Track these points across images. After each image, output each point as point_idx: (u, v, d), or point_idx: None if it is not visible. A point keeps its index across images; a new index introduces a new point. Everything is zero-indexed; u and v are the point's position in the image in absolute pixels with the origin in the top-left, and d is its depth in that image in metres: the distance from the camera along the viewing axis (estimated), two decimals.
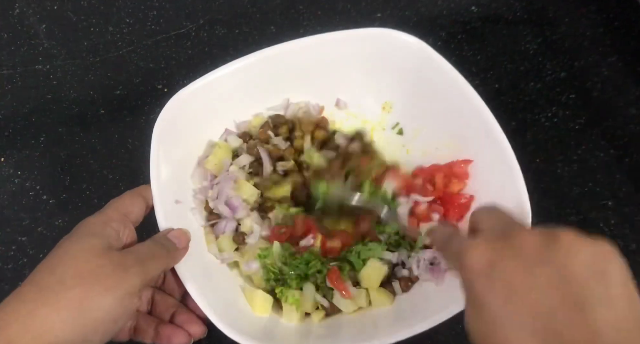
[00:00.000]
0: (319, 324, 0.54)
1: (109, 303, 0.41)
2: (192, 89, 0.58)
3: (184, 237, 0.50)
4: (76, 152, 0.70)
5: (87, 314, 0.40)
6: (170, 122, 0.56)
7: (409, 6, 0.78)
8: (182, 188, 0.57)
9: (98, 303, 0.41)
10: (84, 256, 0.42)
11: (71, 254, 0.43)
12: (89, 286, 0.41)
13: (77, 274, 0.41)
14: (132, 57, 0.76)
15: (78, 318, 0.40)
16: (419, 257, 0.55)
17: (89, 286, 0.41)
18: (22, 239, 0.64)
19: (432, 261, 0.55)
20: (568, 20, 0.76)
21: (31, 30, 0.79)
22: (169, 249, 0.48)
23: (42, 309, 0.39)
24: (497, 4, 0.78)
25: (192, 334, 0.50)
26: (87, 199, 0.66)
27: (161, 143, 0.54)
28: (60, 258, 0.43)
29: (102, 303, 0.41)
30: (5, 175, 0.69)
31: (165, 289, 0.53)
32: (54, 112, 0.72)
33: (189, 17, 0.79)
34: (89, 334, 0.40)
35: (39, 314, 0.39)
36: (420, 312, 0.51)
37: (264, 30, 0.77)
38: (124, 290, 0.42)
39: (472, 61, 0.73)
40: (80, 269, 0.41)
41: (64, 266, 0.42)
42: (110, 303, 0.41)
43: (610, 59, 0.72)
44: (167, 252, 0.47)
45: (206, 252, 0.56)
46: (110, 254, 0.43)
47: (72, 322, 0.40)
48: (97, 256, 0.43)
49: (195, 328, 0.50)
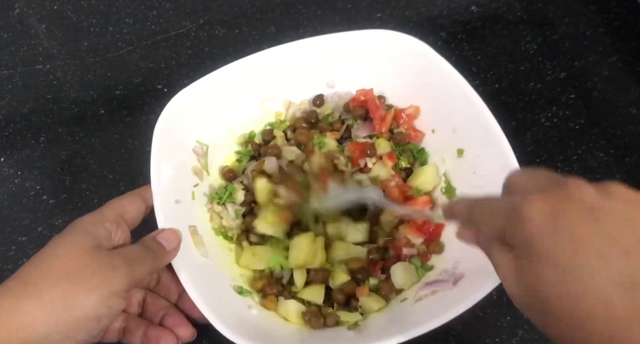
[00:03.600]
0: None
1: (92, 302, 0.41)
2: (193, 89, 0.58)
3: (174, 237, 0.50)
4: (76, 152, 0.69)
5: (70, 312, 0.40)
6: (171, 122, 0.56)
7: (409, 6, 0.78)
8: (182, 188, 0.57)
9: (82, 301, 0.41)
10: (72, 254, 0.42)
11: (59, 250, 0.43)
12: (74, 283, 0.41)
13: (63, 271, 0.41)
14: (132, 57, 0.76)
15: (61, 315, 0.40)
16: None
17: (73, 284, 0.41)
18: (22, 239, 0.64)
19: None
20: (568, 20, 0.76)
21: (31, 30, 0.79)
22: (156, 251, 0.48)
23: (25, 303, 0.40)
24: (497, 4, 0.78)
25: (181, 336, 0.50)
26: (87, 199, 0.66)
27: (162, 143, 0.54)
28: (48, 254, 0.43)
29: (86, 301, 0.41)
30: (5, 175, 0.69)
31: (159, 291, 0.53)
32: (54, 112, 0.72)
33: (189, 17, 0.79)
34: (71, 332, 0.41)
35: (22, 309, 0.39)
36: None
37: (264, 30, 0.77)
38: (109, 290, 0.42)
39: (472, 61, 0.73)
40: (66, 266, 0.42)
41: (51, 262, 0.42)
42: (94, 302, 0.41)
43: (610, 59, 0.72)
44: (154, 254, 0.47)
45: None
46: (98, 253, 0.43)
47: (55, 318, 0.40)
48: (84, 254, 0.43)
49: (183, 330, 0.50)
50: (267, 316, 0.54)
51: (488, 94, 0.56)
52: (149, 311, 0.52)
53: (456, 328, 0.56)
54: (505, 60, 0.73)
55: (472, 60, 0.73)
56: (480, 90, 0.56)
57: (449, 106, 0.58)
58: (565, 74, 0.72)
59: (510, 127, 0.65)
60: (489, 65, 0.73)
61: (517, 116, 0.69)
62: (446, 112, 0.59)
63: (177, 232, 0.51)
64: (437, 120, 0.61)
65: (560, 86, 0.71)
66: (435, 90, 0.59)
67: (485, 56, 0.74)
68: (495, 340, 0.57)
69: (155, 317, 0.51)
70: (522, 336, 0.57)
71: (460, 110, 0.57)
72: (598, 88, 0.70)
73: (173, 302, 0.53)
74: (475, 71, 0.72)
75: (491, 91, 0.71)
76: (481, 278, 0.48)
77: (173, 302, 0.53)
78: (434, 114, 0.61)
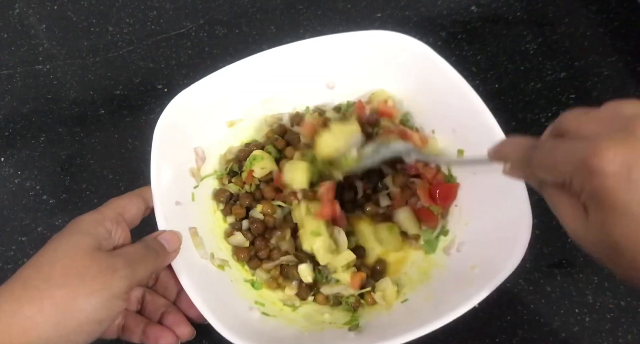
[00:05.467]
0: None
1: (93, 305, 0.41)
2: (194, 89, 0.58)
3: (175, 239, 0.50)
4: (76, 152, 0.70)
5: (71, 315, 0.40)
6: (172, 122, 0.56)
7: (409, 6, 0.78)
8: (182, 189, 0.57)
9: (82, 304, 0.41)
10: (72, 256, 0.42)
11: (59, 252, 0.43)
12: (74, 287, 0.41)
13: (64, 274, 0.41)
14: (132, 57, 0.76)
15: (61, 319, 0.40)
16: None
17: (74, 287, 0.41)
18: (22, 239, 0.64)
19: None
20: (568, 20, 0.76)
21: (31, 30, 0.79)
22: (158, 252, 0.48)
23: (26, 307, 0.39)
24: (497, 4, 0.78)
25: (180, 335, 0.50)
26: (87, 199, 0.66)
27: (162, 144, 0.54)
28: (49, 255, 0.43)
29: (87, 304, 0.41)
30: (5, 175, 0.69)
31: (157, 289, 0.53)
32: (54, 112, 0.72)
33: (189, 17, 0.79)
34: (72, 335, 0.41)
35: (23, 313, 0.39)
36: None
37: (264, 30, 0.77)
38: (110, 293, 0.42)
39: (472, 61, 0.73)
40: (67, 268, 0.41)
41: (51, 264, 0.42)
42: (95, 305, 0.41)
43: (610, 59, 0.72)
44: (156, 255, 0.47)
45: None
46: (98, 255, 0.43)
47: (56, 322, 0.40)
48: (84, 256, 0.42)
49: (183, 329, 0.50)
50: (268, 318, 0.54)
51: (488, 94, 0.56)
52: (148, 308, 0.52)
53: (456, 328, 0.56)
54: (505, 60, 0.73)
55: (472, 60, 0.73)
56: (480, 90, 0.56)
57: (449, 106, 0.58)
58: (565, 74, 0.72)
59: (510, 127, 0.65)
60: (489, 65, 0.73)
61: (517, 116, 0.69)
62: (446, 113, 0.59)
63: (178, 234, 0.51)
64: (437, 120, 0.61)
65: (560, 86, 0.71)
66: (435, 90, 0.59)
67: (485, 56, 0.74)
68: (495, 340, 0.57)
69: (154, 315, 0.51)
70: (522, 336, 0.57)
71: (460, 110, 0.57)
72: (598, 88, 0.70)
73: (171, 300, 0.53)
74: (475, 71, 0.72)
75: (491, 90, 0.71)
76: (482, 281, 0.48)
77: (171, 300, 0.53)
78: (434, 115, 0.61)
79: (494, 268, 0.49)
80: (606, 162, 0.30)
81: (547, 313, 0.58)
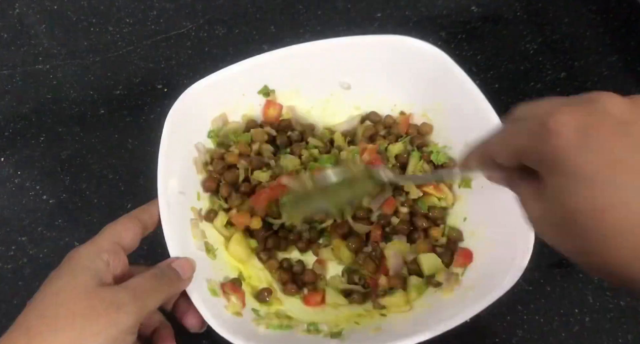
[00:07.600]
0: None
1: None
2: (197, 88, 0.58)
3: (188, 266, 0.48)
4: (76, 152, 0.69)
5: None
6: (183, 113, 0.56)
7: (409, 6, 0.78)
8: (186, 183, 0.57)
9: None
10: (75, 296, 0.41)
11: (61, 294, 0.41)
12: (80, 329, 0.39)
13: (68, 317, 0.40)
14: (132, 57, 0.76)
15: None
16: None
17: (80, 330, 0.39)
18: (22, 239, 0.64)
19: None
20: (568, 20, 0.76)
21: (31, 30, 0.79)
22: (172, 279, 0.46)
23: None
24: (497, 4, 0.78)
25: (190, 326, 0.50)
26: (87, 199, 0.66)
27: (171, 135, 0.54)
28: (50, 298, 0.41)
29: None
30: (5, 175, 0.69)
31: None
32: (54, 112, 0.72)
33: (189, 17, 0.79)
34: None
35: None
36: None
37: (264, 30, 0.77)
38: (117, 330, 0.40)
39: (472, 61, 0.73)
40: (71, 311, 0.40)
41: (54, 308, 0.40)
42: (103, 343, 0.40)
43: (610, 59, 0.72)
44: (170, 283, 0.46)
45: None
46: (101, 292, 0.41)
47: None
48: (88, 295, 0.41)
49: (191, 319, 0.50)
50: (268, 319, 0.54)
51: (488, 94, 0.56)
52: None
53: (456, 328, 0.56)
54: (505, 60, 0.73)
55: (472, 61, 0.73)
56: (480, 90, 0.56)
57: (463, 117, 0.58)
58: (565, 74, 0.72)
59: None
60: (489, 65, 0.73)
61: None
62: (459, 124, 0.58)
63: (192, 261, 0.49)
64: (450, 132, 0.60)
65: (560, 86, 0.71)
66: (449, 98, 0.59)
67: (485, 56, 0.74)
68: (495, 340, 0.57)
69: (146, 329, 0.50)
70: (522, 336, 0.57)
71: (473, 120, 0.56)
72: (598, 88, 0.69)
73: (167, 309, 0.52)
74: (475, 71, 0.72)
75: (491, 91, 0.70)
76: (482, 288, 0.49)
77: (167, 309, 0.52)
78: (447, 122, 0.61)
79: (494, 283, 0.49)
80: (563, 123, 0.29)
81: (547, 313, 0.58)
